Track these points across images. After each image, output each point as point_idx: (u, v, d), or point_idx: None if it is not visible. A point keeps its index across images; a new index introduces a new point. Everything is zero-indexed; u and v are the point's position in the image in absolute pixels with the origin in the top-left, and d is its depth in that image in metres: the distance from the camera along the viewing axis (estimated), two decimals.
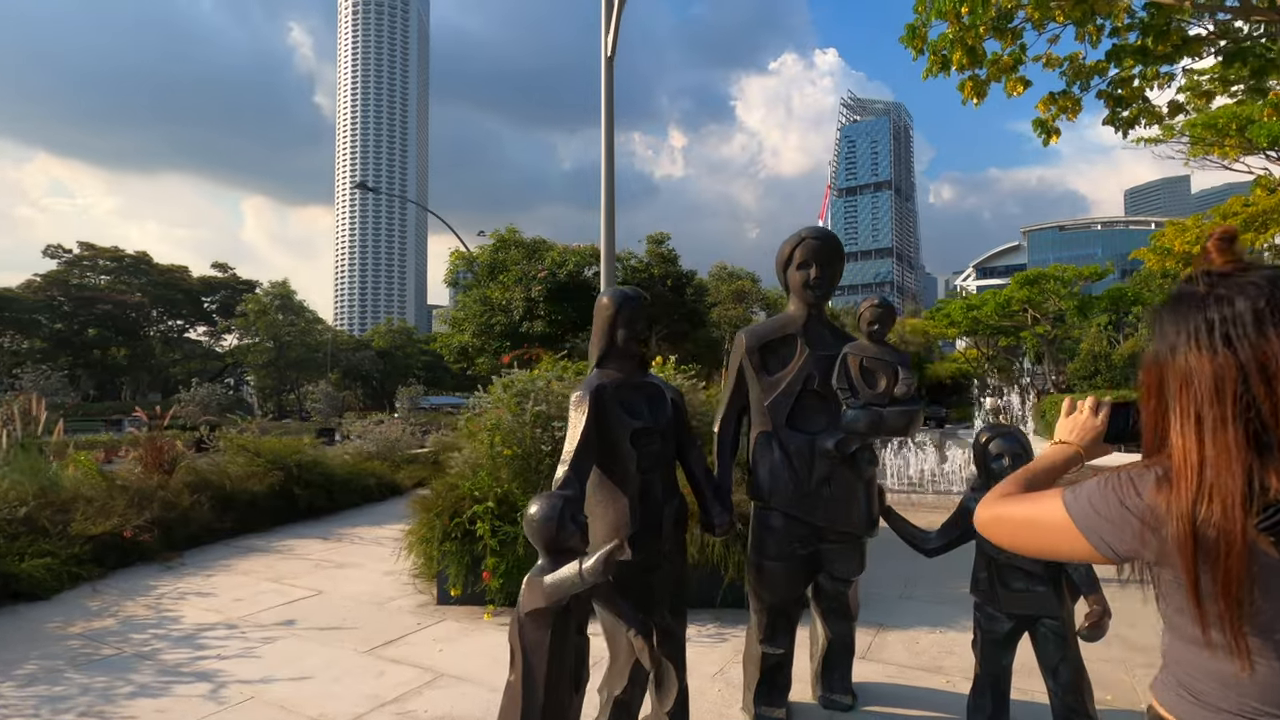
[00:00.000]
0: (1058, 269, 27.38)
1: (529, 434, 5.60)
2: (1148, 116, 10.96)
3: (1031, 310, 28.03)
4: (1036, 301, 27.19)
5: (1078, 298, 26.74)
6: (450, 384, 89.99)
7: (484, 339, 25.35)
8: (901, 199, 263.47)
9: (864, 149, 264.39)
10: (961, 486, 11.31)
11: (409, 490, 10.45)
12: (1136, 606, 2.65)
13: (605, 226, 6.13)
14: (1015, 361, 43.59)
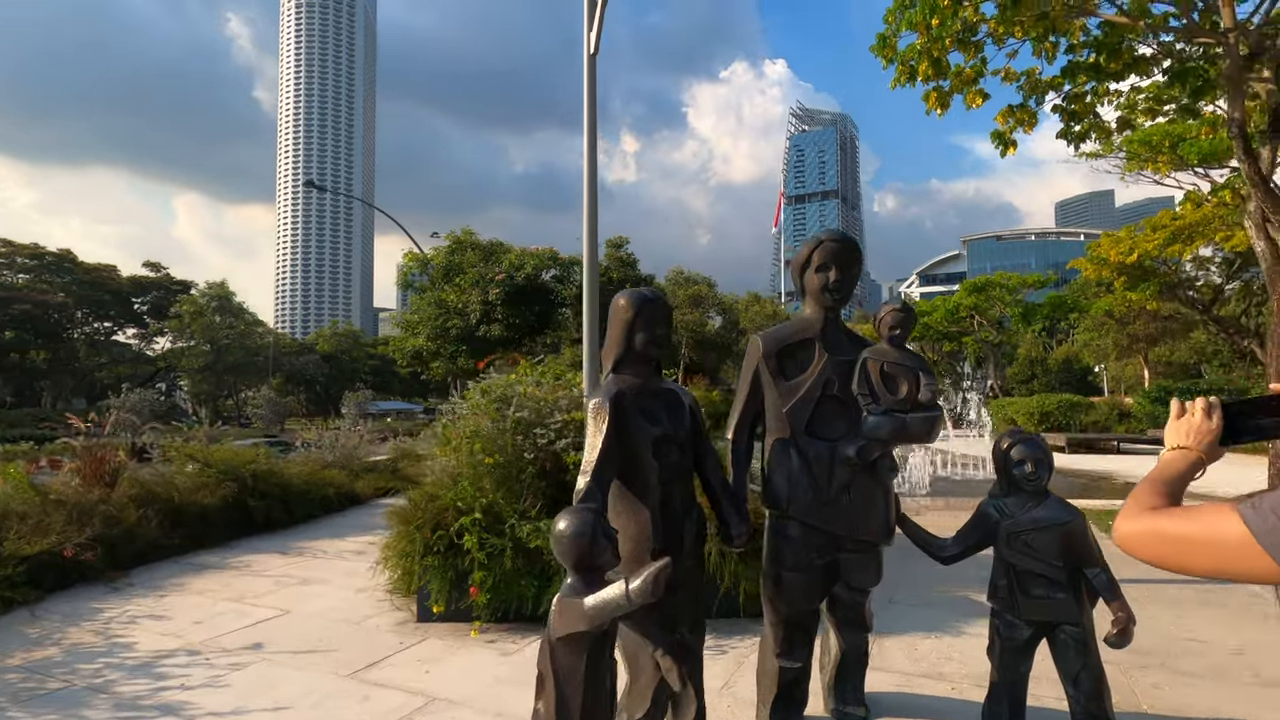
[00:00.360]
0: (1003, 277, 28.51)
1: (510, 441, 5.40)
2: (1098, 131, 11.45)
3: (978, 316, 29.04)
4: (983, 308, 28.20)
5: (1021, 305, 27.83)
6: (399, 389, 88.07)
7: (439, 343, 24.77)
8: (848, 207, 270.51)
9: (812, 158, 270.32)
10: (927, 489, 11.52)
11: (369, 500, 10.05)
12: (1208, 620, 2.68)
13: (588, 227, 5.98)
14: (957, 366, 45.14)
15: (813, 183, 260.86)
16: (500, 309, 24.14)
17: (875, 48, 9.07)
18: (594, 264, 5.91)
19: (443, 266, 25.72)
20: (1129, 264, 24.27)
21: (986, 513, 2.92)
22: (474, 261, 25.43)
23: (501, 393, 5.70)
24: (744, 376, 3.10)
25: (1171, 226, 23.30)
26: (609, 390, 2.66)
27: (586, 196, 5.94)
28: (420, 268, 26.00)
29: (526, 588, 4.45)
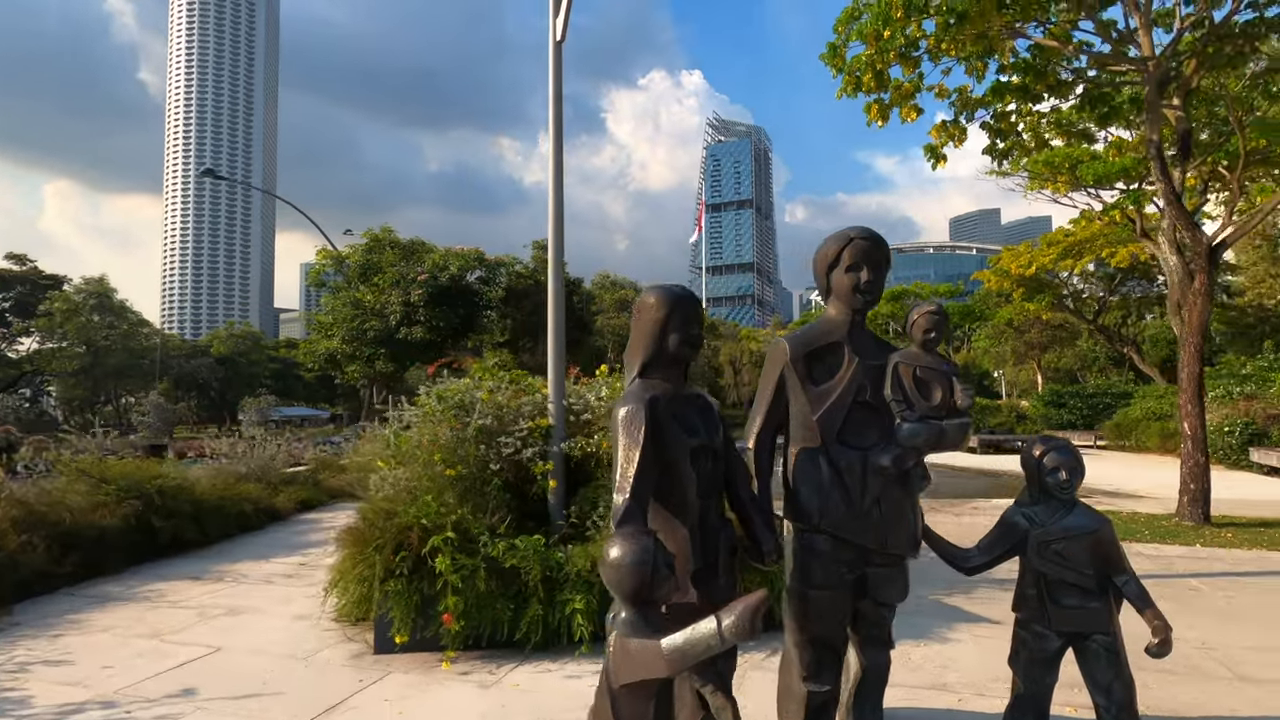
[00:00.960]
0: (918, 286, 30.05)
1: (473, 451, 5.01)
2: (1019, 149, 12.11)
3: (895, 324, 30.43)
4: (900, 316, 29.53)
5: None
6: (303, 394, 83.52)
7: (356, 345, 23.49)
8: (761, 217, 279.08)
9: (728, 168, 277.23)
10: None
11: (291, 515, 9.27)
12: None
13: (553, 223, 5.65)
14: None
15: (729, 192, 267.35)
16: (423, 310, 23.17)
17: (825, 56, 9.19)
18: (559, 262, 5.59)
19: (359, 265, 24.44)
20: (1027, 276, 26.07)
21: (1014, 522, 2.85)
22: (393, 260, 24.32)
23: (460, 399, 5.29)
24: (766, 381, 2.90)
25: (1064, 243, 25.20)
26: (641, 395, 2.40)
27: (552, 191, 5.61)
28: (335, 266, 24.58)
29: (502, 611, 4.09)
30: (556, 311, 5.57)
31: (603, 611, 4.15)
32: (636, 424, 2.32)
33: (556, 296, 5.59)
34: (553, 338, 5.54)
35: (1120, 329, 29.58)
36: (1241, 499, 10.34)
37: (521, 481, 5.29)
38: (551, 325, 5.57)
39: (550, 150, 5.65)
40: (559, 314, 5.57)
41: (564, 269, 5.64)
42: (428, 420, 5.36)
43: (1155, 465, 15.33)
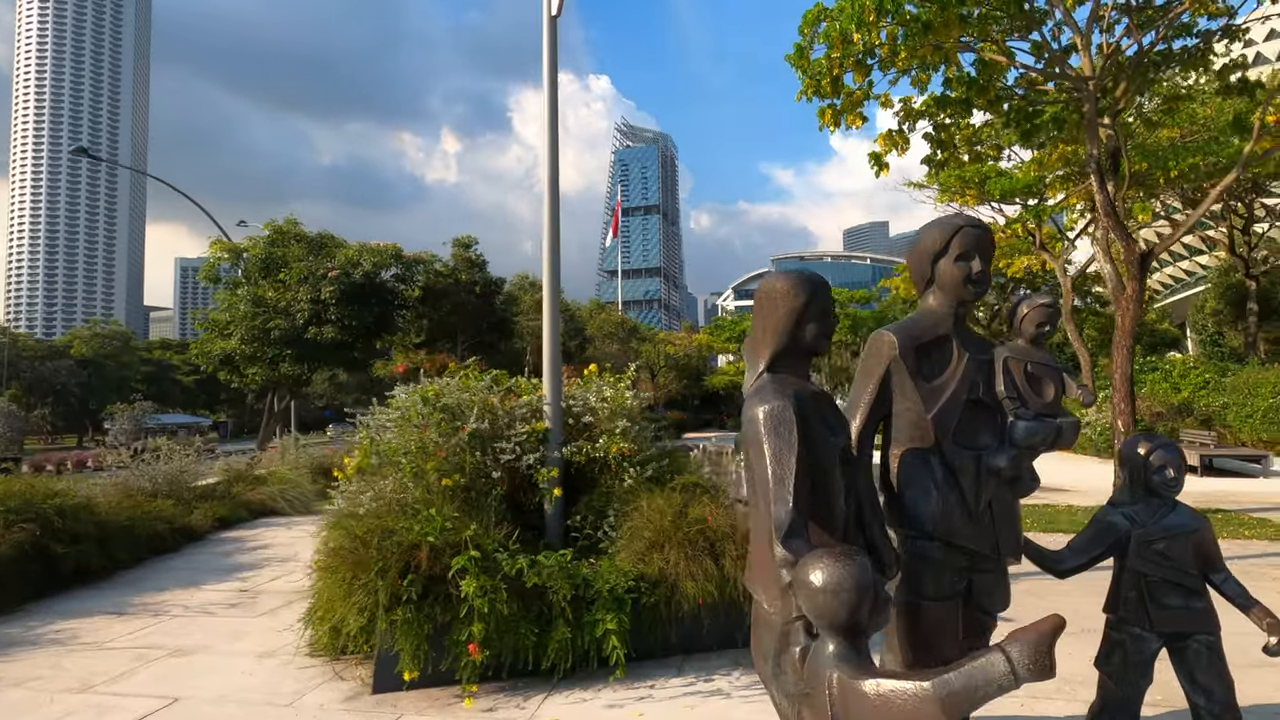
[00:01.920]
0: (835, 292, 31.17)
1: (469, 459, 4.53)
2: (953, 162, 12.66)
3: None
4: None
5: (851, 317, 30.63)
6: (181, 400, 77.01)
7: (257, 345, 21.59)
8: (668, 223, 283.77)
9: (635, 173, 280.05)
10: None
11: (209, 533, 8.26)
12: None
13: (549, 207, 5.23)
14: None
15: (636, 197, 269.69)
16: (334, 309, 21.63)
17: (792, 58, 9.22)
18: (555, 254, 5.18)
19: (260, 259, 22.53)
20: None
21: (1113, 523, 2.77)
22: (300, 255, 22.58)
23: (451, 401, 4.79)
24: (867, 376, 2.69)
25: None
26: (782, 391, 2.12)
27: (548, 179, 5.19)
28: (232, 259, 22.51)
29: (525, 636, 3.67)
30: (552, 307, 5.17)
31: (637, 632, 3.83)
32: (785, 423, 2.04)
33: (552, 290, 5.19)
34: (548, 335, 5.13)
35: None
36: None
37: (516, 490, 4.87)
38: (547, 322, 5.16)
39: (546, 136, 5.24)
40: (554, 309, 5.17)
41: (559, 257, 5.23)
42: (407, 425, 4.83)
43: (1074, 462, 16.53)
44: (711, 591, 3.89)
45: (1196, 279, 48.20)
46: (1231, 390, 18.33)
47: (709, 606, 3.94)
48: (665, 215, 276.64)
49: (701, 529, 4.08)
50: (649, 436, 5.10)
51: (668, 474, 4.85)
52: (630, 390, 5.12)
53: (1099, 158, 8.52)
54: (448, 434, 4.61)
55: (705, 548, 4.04)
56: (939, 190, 21.90)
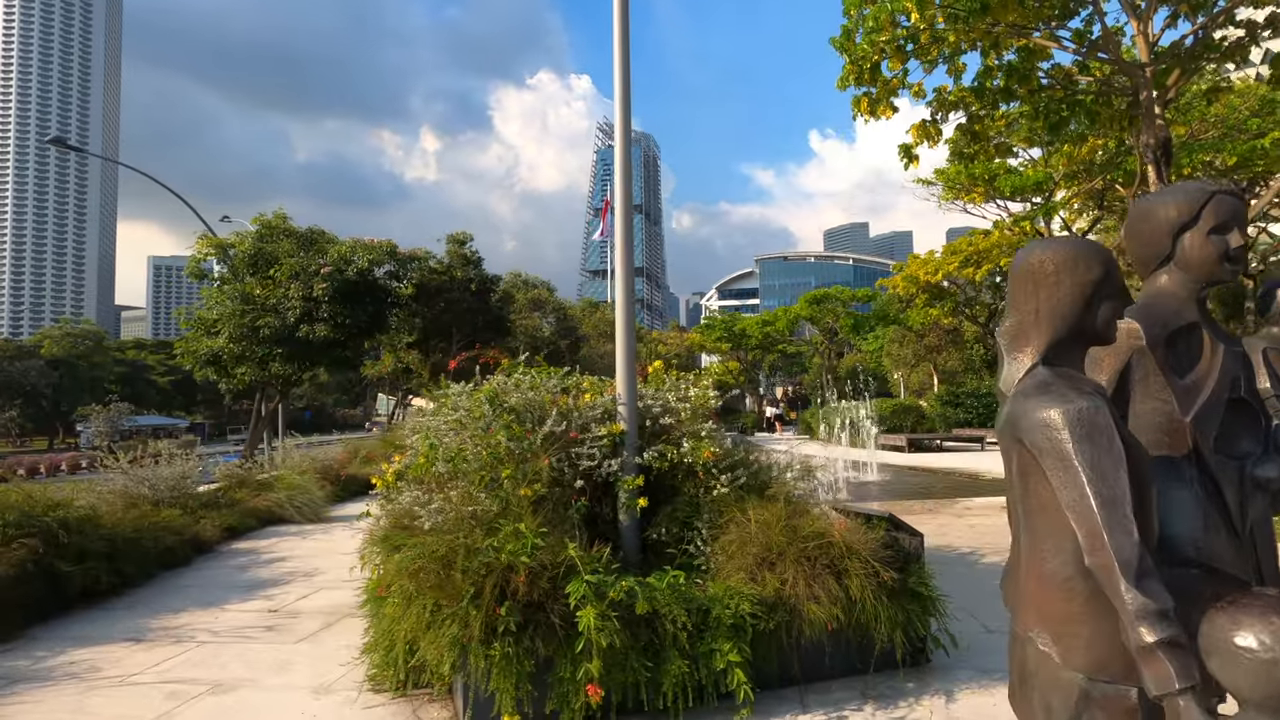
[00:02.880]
0: (838, 290, 30.99)
1: (545, 466, 4.05)
2: (982, 155, 12.36)
3: (812, 326, 31.20)
4: (818, 318, 30.33)
5: (853, 316, 30.43)
6: (156, 401, 75.40)
7: (246, 344, 20.78)
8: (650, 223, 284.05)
9: None
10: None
11: (219, 546, 7.68)
12: None
13: (622, 203, 4.76)
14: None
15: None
16: (326, 306, 20.91)
17: (837, 41, 8.84)
18: (629, 241, 4.71)
19: (248, 255, 21.74)
20: (933, 283, 27.53)
21: None
22: (290, 250, 21.83)
23: (518, 401, 4.30)
24: (1108, 370, 2.27)
25: (966, 252, 26.78)
26: (1080, 388, 1.68)
27: (620, 175, 4.72)
28: (218, 255, 21.66)
29: (638, 670, 3.20)
30: (627, 298, 4.70)
31: (754, 661, 3.38)
32: (1102, 430, 1.60)
33: (627, 280, 4.72)
34: (622, 329, 4.66)
35: None
36: None
37: (598, 500, 4.40)
38: (621, 314, 4.69)
39: (618, 110, 4.77)
40: (629, 300, 4.70)
41: (632, 240, 4.76)
42: (473, 427, 4.33)
43: None
44: (838, 616, 3.46)
45: None
46: None
47: (837, 631, 3.50)
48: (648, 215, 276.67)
49: (821, 544, 3.64)
50: (726, 440, 4.65)
51: (759, 481, 4.40)
52: (714, 391, 4.68)
53: (1154, 145, 8.22)
54: (518, 438, 4.12)
55: (826, 565, 3.60)
56: (943, 188, 21.72)
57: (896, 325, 31.04)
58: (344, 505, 10.95)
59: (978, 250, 26.46)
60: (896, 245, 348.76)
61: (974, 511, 9.10)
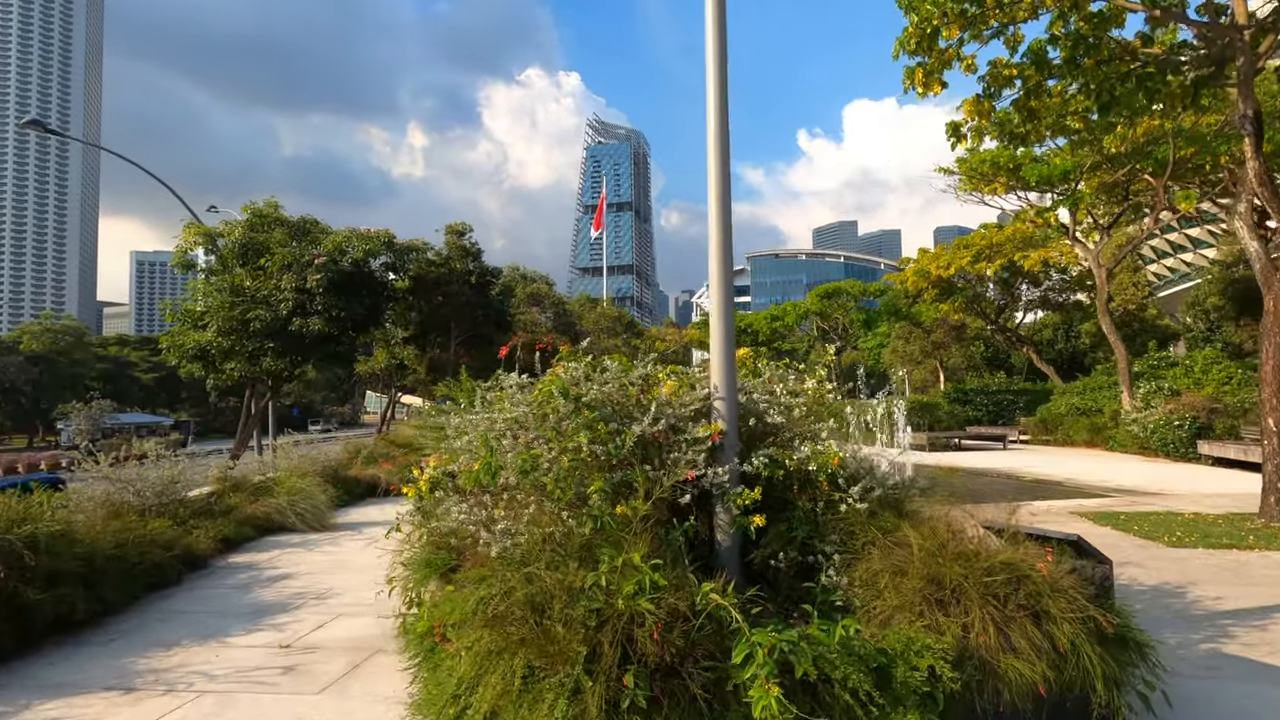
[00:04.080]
0: (850, 284, 30.31)
1: (639, 478, 3.23)
2: (1034, 136, 11.61)
3: (820, 321, 30.49)
4: (828, 313, 29.63)
5: (865, 311, 29.75)
6: (139, 399, 73.95)
7: (235, 338, 19.75)
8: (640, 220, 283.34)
9: (608, 170, 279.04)
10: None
11: (215, 560, 6.79)
12: None
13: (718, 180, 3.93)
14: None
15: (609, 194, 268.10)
16: (321, 299, 19.92)
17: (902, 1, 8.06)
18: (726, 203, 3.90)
19: (239, 244, 20.70)
20: (945, 278, 26.89)
21: None
22: (282, 240, 20.79)
23: (599, 394, 3.47)
24: None
25: (978, 245, 26.17)
26: None
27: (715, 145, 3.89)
28: (206, 244, 20.59)
29: None
30: (725, 271, 3.87)
31: None
32: None
33: (724, 251, 3.89)
34: (719, 305, 3.83)
35: (1017, 329, 31.49)
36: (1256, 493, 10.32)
37: (676, 514, 3.58)
38: (718, 289, 3.86)
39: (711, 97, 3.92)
40: (726, 273, 3.88)
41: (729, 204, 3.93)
42: (530, 427, 3.50)
43: (1115, 460, 15.73)
44: (1045, 673, 2.65)
45: (1180, 275, 48.64)
46: None
47: (1031, 694, 2.69)
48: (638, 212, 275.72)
49: (1011, 578, 2.84)
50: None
51: (891, 495, 3.60)
52: (831, 384, 3.86)
53: (1253, 115, 7.50)
54: (604, 440, 3.29)
55: (1021, 606, 2.79)
56: (963, 178, 21.03)
57: (905, 321, 30.41)
58: (349, 510, 10.06)
59: (991, 244, 25.86)
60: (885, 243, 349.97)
61: (1044, 517, 8.36)
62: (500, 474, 3.34)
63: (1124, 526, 7.60)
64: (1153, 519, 8.09)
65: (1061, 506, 9.03)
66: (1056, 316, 34.06)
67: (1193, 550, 6.56)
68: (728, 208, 3.90)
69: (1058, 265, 26.08)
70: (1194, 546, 6.69)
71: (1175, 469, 13.72)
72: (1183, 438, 14.97)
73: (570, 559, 2.81)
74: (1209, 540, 6.91)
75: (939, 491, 4.05)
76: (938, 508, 3.45)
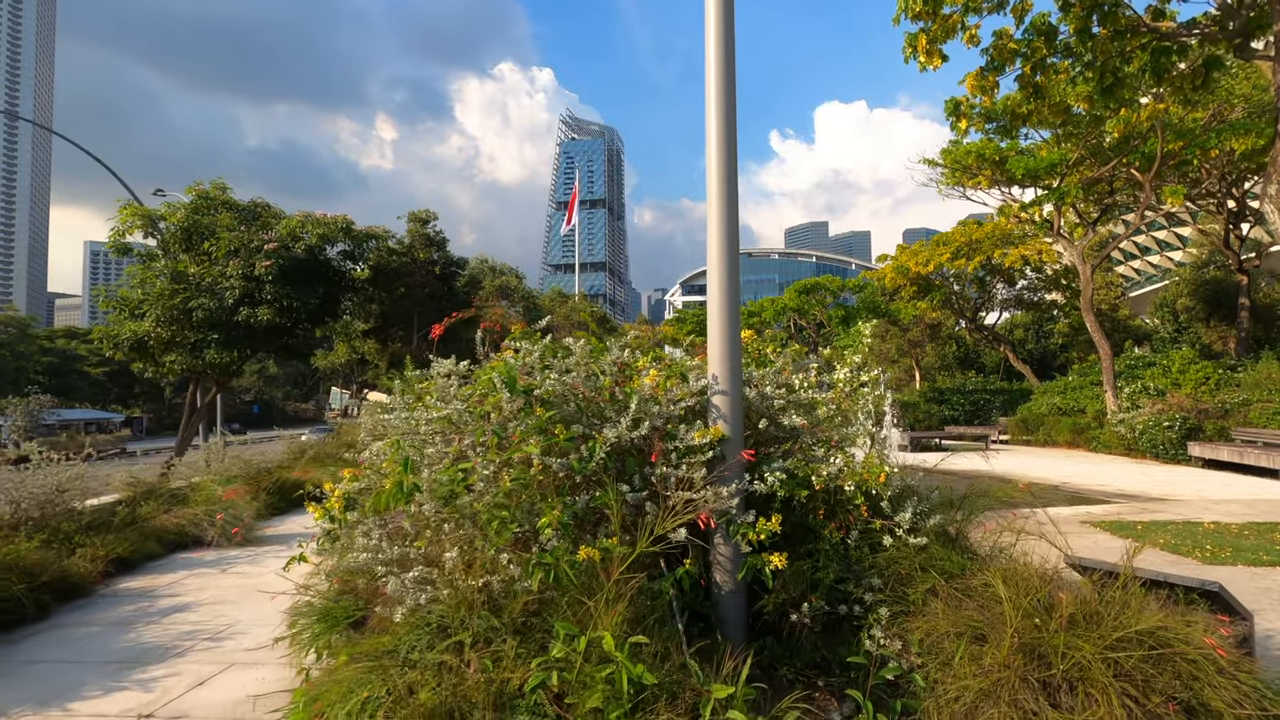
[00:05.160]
0: (828, 280, 29.68)
1: (612, 500, 2.29)
2: (1035, 118, 10.90)
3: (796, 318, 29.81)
4: (806, 309, 28.95)
5: (843, 308, 29.14)
6: (89, 394, 70.95)
7: (176, 328, 18.30)
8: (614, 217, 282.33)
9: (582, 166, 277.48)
10: None
11: (101, 587, 5.67)
12: None
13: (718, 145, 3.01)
14: None
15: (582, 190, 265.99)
16: (271, 287, 18.57)
17: None
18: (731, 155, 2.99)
19: (181, 227, 19.21)
20: (923, 275, 26.40)
21: None
22: (230, 224, 19.35)
23: (558, 387, 2.52)
24: None
25: (956, 242, 25.71)
26: None
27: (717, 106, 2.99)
28: (145, 226, 19.04)
29: None
30: (729, 240, 2.95)
31: None
32: None
33: (728, 222, 2.96)
34: (720, 271, 2.92)
35: (994, 329, 31.22)
36: (1265, 498, 9.76)
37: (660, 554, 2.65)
38: (719, 248, 2.94)
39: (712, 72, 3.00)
40: (732, 244, 2.95)
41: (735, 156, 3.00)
42: (465, 430, 2.54)
43: (1104, 462, 15.22)
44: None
45: (1147, 277, 49.19)
46: (1253, 386, 17.45)
47: None
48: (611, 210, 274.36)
49: (1154, 653, 1.96)
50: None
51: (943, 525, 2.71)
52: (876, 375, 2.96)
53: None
54: (563, 450, 2.35)
55: (1170, 697, 1.91)
56: (946, 171, 20.46)
57: (883, 318, 29.93)
58: (284, 520, 8.94)
59: (970, 240, 25.41)
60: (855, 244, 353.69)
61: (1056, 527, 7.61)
62: (418, 498, 2.36)
63: (1146, 539, 6.88)
64: (1173, 529, 7.40)
65: (1070, 515, 8.31)
66: (1029, 316, 33.92)
67: (1234, 569, 5.83)
68: (733, 138, 2.97)
69: (1036, 263, 25.73)
70: (1232, 564, 5.97)
71: (1168, 471, 13.21)
72: (1173, 439, 14.51)
73: (508, 631, 1.85)
74: (1245, 556, 6.21)
75: (979, 504, 3.20)
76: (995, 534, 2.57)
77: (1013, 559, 2.54)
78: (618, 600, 1.91)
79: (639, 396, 2.54)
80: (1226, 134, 15.13)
